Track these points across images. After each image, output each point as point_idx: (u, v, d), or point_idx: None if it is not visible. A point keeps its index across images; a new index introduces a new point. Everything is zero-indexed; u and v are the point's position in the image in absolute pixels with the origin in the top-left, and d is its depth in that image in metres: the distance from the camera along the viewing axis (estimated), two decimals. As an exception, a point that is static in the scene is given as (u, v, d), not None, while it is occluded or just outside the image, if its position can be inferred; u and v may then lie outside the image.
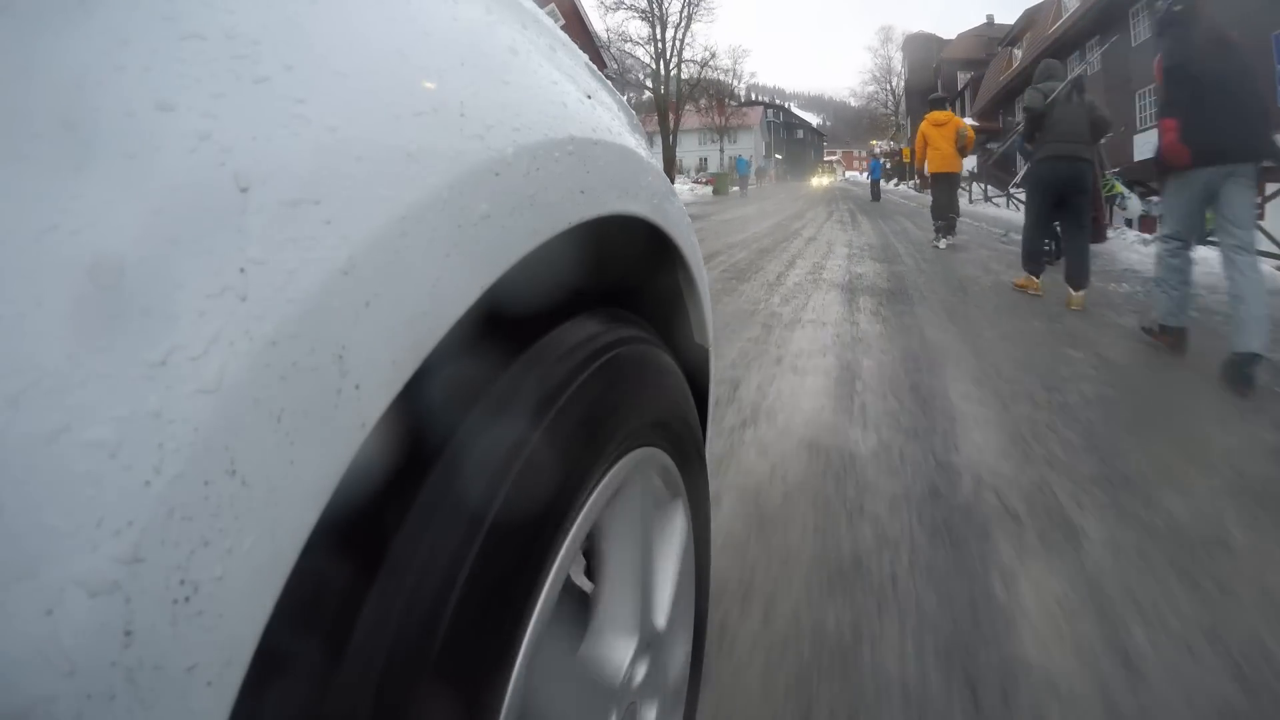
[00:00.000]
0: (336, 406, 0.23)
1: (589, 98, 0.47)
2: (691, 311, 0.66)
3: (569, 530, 0.37)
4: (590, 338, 0.43)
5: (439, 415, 0.32)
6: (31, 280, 0.17)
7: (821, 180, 45.82)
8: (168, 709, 0.18)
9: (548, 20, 0.50)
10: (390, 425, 0.27)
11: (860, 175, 47.63)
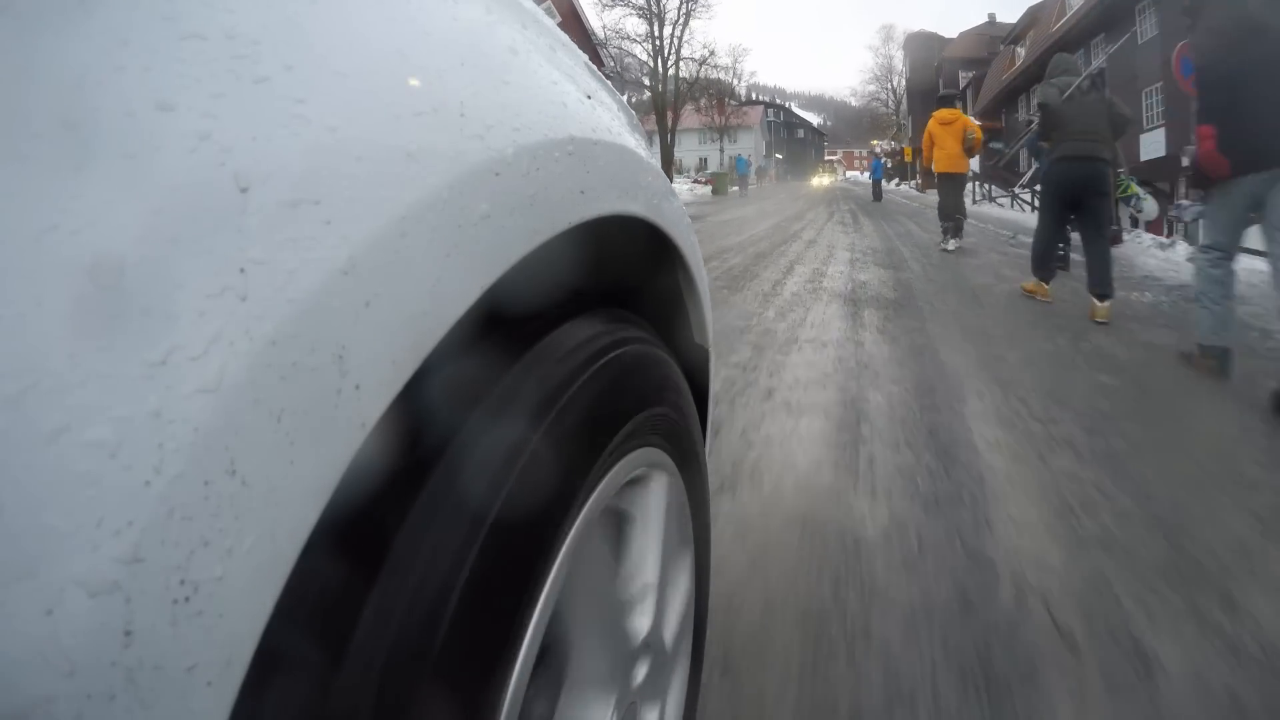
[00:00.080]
0: (336, 406, 0.23)
1: (589, 98, 0.47)
2: (691, 312, 0.66)
3: (569, 530, 0.37)
4: (591, 338, 0.43)
5: (439, 415, 0.32)
6: (31, 280, 0.17)
7: (822, 180, 45.75)
8: (168, 709, 0.18)
9: (547, 20, 0.50)
10: (390, 425, 0.27)
11: (861, 175, 47.57)
